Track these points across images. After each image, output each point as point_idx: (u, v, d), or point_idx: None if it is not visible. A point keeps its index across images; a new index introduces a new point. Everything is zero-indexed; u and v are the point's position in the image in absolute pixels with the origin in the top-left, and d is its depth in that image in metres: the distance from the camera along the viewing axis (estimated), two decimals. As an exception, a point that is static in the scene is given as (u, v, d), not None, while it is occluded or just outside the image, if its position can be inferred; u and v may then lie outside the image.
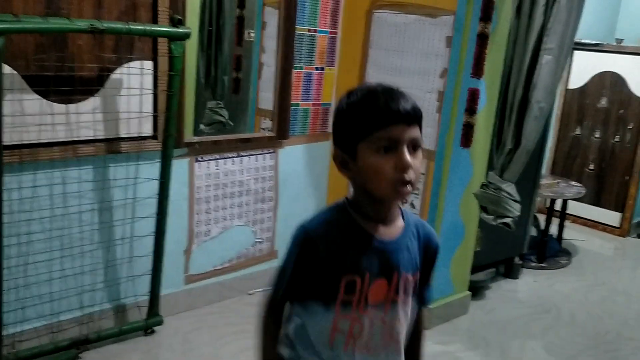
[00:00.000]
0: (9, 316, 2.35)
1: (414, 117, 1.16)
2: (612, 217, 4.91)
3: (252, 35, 3.29)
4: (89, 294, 2.60)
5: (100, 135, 2.49)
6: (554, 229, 4.30)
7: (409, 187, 1.15)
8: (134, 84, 2.51)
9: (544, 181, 4.11)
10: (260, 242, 3.32)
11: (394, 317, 1.27)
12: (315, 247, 1.20)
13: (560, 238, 4.35)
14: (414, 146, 1.16)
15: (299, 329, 1.28)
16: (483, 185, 2.80)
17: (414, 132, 1.16)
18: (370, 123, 1.14)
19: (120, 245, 2.64)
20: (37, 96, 2.29)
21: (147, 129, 2.61)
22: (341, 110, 1.21)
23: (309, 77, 3.25)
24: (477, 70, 2.65)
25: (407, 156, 1.14)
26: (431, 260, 1.35)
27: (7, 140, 2.17)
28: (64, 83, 2.31)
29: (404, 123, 1.14)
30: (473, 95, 2.66)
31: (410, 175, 1.14)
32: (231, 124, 3.18)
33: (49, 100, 2.32)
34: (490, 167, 2.93)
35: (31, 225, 2.38)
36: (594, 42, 4.88)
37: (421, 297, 1.35)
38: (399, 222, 1.27)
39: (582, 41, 4.80)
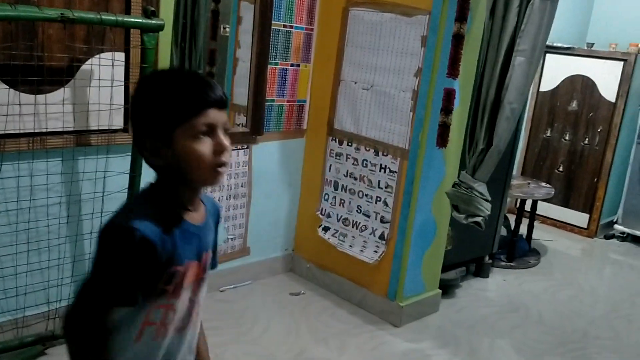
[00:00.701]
0: (-28, 311, 2.29)
1: (226, 102, 1.19)
2: (580, 218, 5.01)
3: (228, 30, 3.26)
4: (56, 288, 2.55)
5: (70, 127, 2.44)
6: (523, 229, 4.36)
7: (225, 169, 1.17)
8: (105, 75, 2.46)
9: (514, 182, 4.17)
10: (232, 238, 3.29)
11: (200, 294, 1.29)
12: (152, 247, 1.11)
13: (530, 238, 4.42)
14: (225, 129, 1.18)
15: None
16: (455, 185, 2.83)
17: (225, 116, 1.18)
18: (188, 109, 1.13)
19: (89, 239, 2.59)
20: (4, 86, 2.23)
21: (117, 122, 2.57)
22: (150, 97, 1.16)
23: (284, 74, 3.24)
24: (453, 70, 2.67)
25: (225, 139, 1.16)
26: (217, 230, 1.38)
27: (-28, 130, 2.11)
28: (33, 73, 2.26)
29: (218, 108, 1.16)
30: (449, 95, 2.68)
31: (227, 157, 1.16)
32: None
33: (17, 90, 2.26)
34: (462, 166, 2.95)
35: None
36: (565, 45, 4.97)
37: (212, 262, 1.37)
38: (201, 204, 1.28)
39: (554, 44, 4.88)
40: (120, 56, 2.50)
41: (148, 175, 2.77)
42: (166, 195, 1.19)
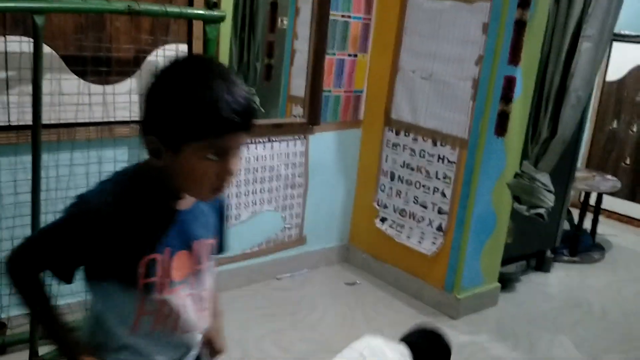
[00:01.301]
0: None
1: (252, 122, 1.04)
2: (647, 213, 4.80)
3: (285, 22, 3.29)
4: (122, 272, 2.64)
5: (136, 117, 2.52)
6: (587, 224, 4.21)
7: (223, 191, 1.08)
8: (169, 66, 2.53)
9: (578, 174, 4.03)
10: (289, 227, 3.33)
11: (201, 287, 1.19)
12: (99, 225, 1.05)
13: (594, 233, 4.27)
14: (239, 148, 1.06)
15: (98, 315, 1.15)
16: (517, 175, 2.76)
17: (246, 136, 1.05)
18: (208, 129, 0.99)
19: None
20: (74, 76, 2.33)
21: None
22: (170, 96, 1.01)
23: (341, 64, 3.24)
24: (514, 57, 2.61)
25: (234, 164, 1.05)
26: (222, 216, 1.29)
27: (46, 119, 2.21)
28: (101, 64, 2.35)
29: (242, 131, 1.03)
30: (509, 83, 2.62)
31: (230, 181, 1.06)
32: (262, 111, 3.19)
33: (86, 80, 2.36)
34: (524, 156, 2.88)
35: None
36: (634, 33, 4.74)
37: (219, 248, 1.29)
38: None
39: (622, 32, 4.67)
40: (183, 47, 2.56)
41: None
42: (151, 183, 1.09)
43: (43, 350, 2.33)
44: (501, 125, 2.65)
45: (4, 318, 2.39)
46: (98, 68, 2.35)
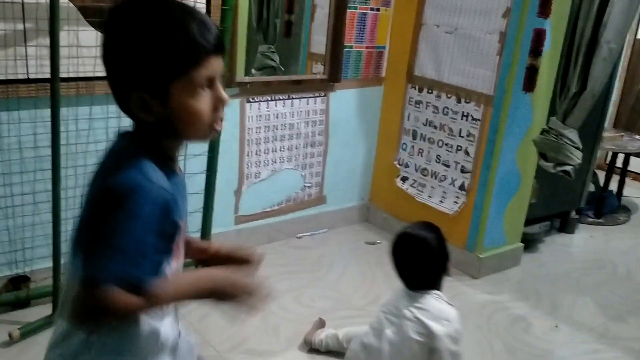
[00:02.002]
0: (67, 246, 2.42)
1: (224, 44, 1.02)
2: (676, 176, 4.68)
3: (305, -23, 3.20)
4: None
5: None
6: (613, 185, 4.12)
7: (222, 124, 1.04)
8: (187, 18, 2.48)
9: (606, 134, 3.92)
10: (309, 186, 3.31)
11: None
12: (170, 204, 1.00)
13: (620, 194, 4.18)
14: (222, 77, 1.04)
15: None
16: (543, 132, 2.69)
17: (223, 63, 1.02)
18: (187, 59, 0.96)
19: (173, 181, 2.67)
20: (92, 28, 2.29)
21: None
22: (137, 39, 0.95)
23: (363, 18, 3.15)
24: (544, 9, 2.50)
25: (224, 93, 1.03)
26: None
27: (64, 72, 2.19)
28: (119, 16, 2.30)
29: (219, 54, 1.00)
30: (539, 36, 2.52)
31: (224, 111, 1.03)
32: (282, 69, 3.13)
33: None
34: (551, 112, 2.80)
35: (87, 158, 2.42)
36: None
37: None
38: None
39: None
40: (201, 3, 2.50)
41: (229, 120, 2.79)
42: (154, 148, 1.03)
43: (67, 303, 2.36)
44: (530, 80, 2.56)
45: (27, 271, 2.42)
46: (115, 20, 2.30)
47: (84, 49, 2.28)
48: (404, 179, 3.34)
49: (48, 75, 2.09)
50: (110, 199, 0.94)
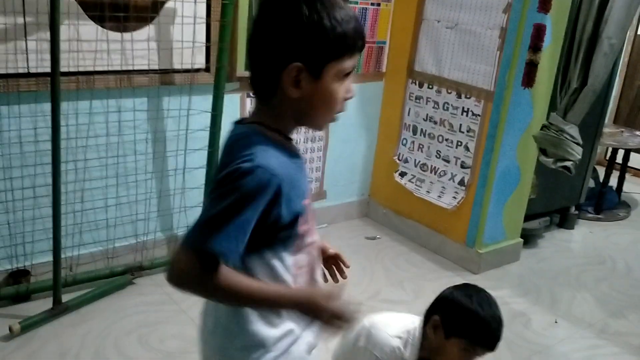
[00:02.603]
0: (67, 240, 2.43)
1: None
2: (676, 172, 4.68)
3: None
4: (143, 222, 2.66)
5: (155, 65, 2.49)
6: (613, 181, 4.12)
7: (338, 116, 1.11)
8: (188, 12, 2.47)
9: (606, 129, 3.92)
10: (309, 181, 3.30)
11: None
12: (280, 188, 1.00)
13: (620, 190, 4.18)
14: None
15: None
16: (544, 127, 2.69)
17: None
18: (348, 45, 1.01)
19: (173, 176, 2.68)
20: (92, 22, 2.29)
21: (199, 61, 2.60)
22: (310, 16, 0.98)
23: (364, 13, 3.15)
24: (545, 4, 2.50)
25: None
26: None
27: (65, 66, 2.19)
28: (119, 10, 2.30)
29: (361, 51, 1.07)
30: (539, 32, 2.52)
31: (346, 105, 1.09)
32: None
33: (104, 27, 2.32)
34: (552, 108, 2.79)
35: (87, 153, 2.42)
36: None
37: None
38: None
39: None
40: (202, -6, 2.50)
41: (229, 114, 2.80)
42: (280, 128, 1.07)
43: (66, 297, 2.37)
44: (529, 75, 2.56)
45: (28, 265, 2.42)
46: (116, 14, 2.30)
47: (84, 43, 2.28)
48: (403, 174, 3.34)
49: (48, 70, 2.09)
50: (225, 180, 0.97)
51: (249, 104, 2.90)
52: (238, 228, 0.97)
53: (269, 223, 1.01)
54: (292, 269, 1.10)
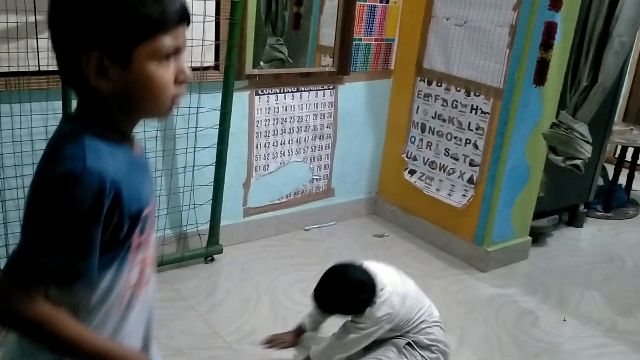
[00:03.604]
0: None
1: (189, 17, 0.94)
2: (686, 170, 4.64)
3: (315, -31, 3.19)
4: (152, 220, 2.67)
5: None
6: (622, 180, 4.11)
7: (181, 99, 0.96)
8: (197, 10, 2.48)
9: (615, 127, 3.90)
10: (317, 179, 3.31)
11: (153, 236, 1.05)
12: (119, 192, 0.89)
13: (629, 188, 4.16)
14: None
15: (77, 312, 0.94)
16: (553, 125, 2.68)
17: (186, 32, 0.94)
18: (156, 23, 0.87)
19: (182, 173, 2.69)
20: (103, 21, 2.29)
21: (209, 59, 2.60)
22: None
23: (372, 11, 3.14)
24: (555, 2, 2.48)
25: (186, 66, 0.95)
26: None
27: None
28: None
29: (185, 25, 0.92)
30: (550, 29, 2.50)
31: (185, 88, 0.96)
32: (290, 61, 3.13)
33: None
34: (561, 106, 2.78)
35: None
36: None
37: None
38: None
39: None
40: (210, -8, 2.50)
41: (238, 112, 2.81)
42: (104, 124, 0.93)
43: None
44: (540, 73, 2.55)
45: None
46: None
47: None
48: (412, 172, 3.34)
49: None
50: (51, 190, 0.86)
51: (258, 102, 2.90)
52: (76, 243, 0.86)
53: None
54: (117, 288, 0.96)
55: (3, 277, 0.88)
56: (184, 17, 0.91)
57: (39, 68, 2.22)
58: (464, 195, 3.06)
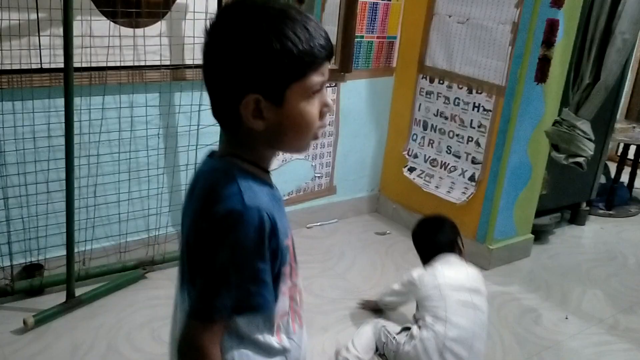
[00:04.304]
0: (80, 235, 2.45)
1: (333, 52, 1.01)
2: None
3: (317, -35, 3.18)
4: (155, 217, 2.68)
5: (166, 61, 2.50)
6: (624, 178, 4.10)
7: (320, 135, 0.99)
8: (200, 8, 2.48)
9: (618, 125, 3.89)
10: (319, 176, 3.31)
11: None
12: (274, 222, 0.94)
13: (631, 186, 4.16)
14: None
15: (239, 348, 1.00)
16: (556, 123, 2.67)
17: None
18: (307, 62, 0.90)
19: (185, 171, 2.69)
20: (104, 18, 2.30)
21: (211, 56, 2.60)
22: (253, 41, 0.88)
23: (374, 8, 3.14)
24: (558, -1, 2.48)
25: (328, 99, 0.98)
26: None
27: (77, 62, 2.20)
28: (131, 5, 2.31)
29: (329, 60, 0.95)
30: (552, 27, 2.50)
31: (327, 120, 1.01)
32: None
33: (116, 23, 2.33)
34: (563, 104, 2.78)
35: (100, 148, 2.44)
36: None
37: None
38: None
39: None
40: (213, -11, 2.50)
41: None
42: (253, 161, 0.99)
43: (79, 291, 2.39)
44: (542, 71, 2.54)
45: (41, 259, 2.45)
46: (128, 10, 2.31)
47: (96, 39, 2.29)
48: (412, 170, 3.34)
49: (61, 65, 2.10)
50: (216, 231, 0.91)
51: (260, 100, 2.90)
52: (250, 279, 0.93)
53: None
54: (275, 317, 1.02)
55: (190, 320, 0.96)
56: (330, 54, 0.95)
57: (41, 65, 2.23)
58: (463, 192, 3.05)
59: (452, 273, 2.19)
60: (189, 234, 0.99)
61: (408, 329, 2.18)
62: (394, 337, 2.18)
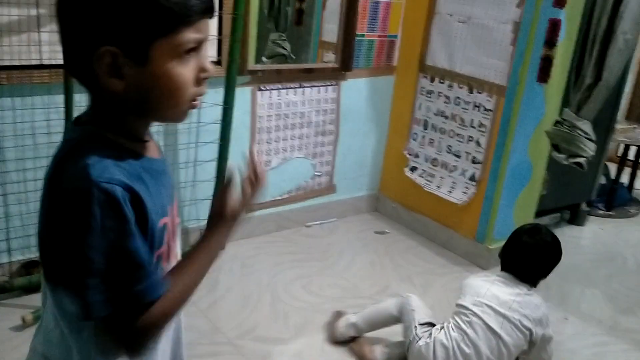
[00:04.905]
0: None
1: (214, 7, 0.86)
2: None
3: (318, -36, 3.18)
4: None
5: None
6: (625, 178, 4.10)
7: (199, 102, 0.86)
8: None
9: (618, 126, 3.89)
10: (319, 175, 3.31)
11: (177, 246, 0.99)
12: (142, 204, 0.82)
13: (631, 187, 4.15)
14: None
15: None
16: (557, 123, 2.67)
17: (209, 25, 0.86)
18: (179, 15, 0.78)
19: (184, 168, 2.68)
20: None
21: (211, 54, 2.59)
22: None
23: (375, 7, 3.13)
24: (560, -1, 2.48)
25: (209, 62, 0.86)
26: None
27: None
28: None
29: (210, 16, 0.83)
30: (554, 26, 2.49)
31: (206, 87, 0.87)
32: (293, 57, 3.13)
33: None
34: (564, 104, 2.77)
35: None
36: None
37: None
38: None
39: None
40: (213, -14, 2.49)
41: (240, 107, 2.81)
42: (117, 129, 0.85)
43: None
44: (544, 70, 2.54)
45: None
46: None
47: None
48: (413, 169, 3.33)
49: (61, 62, 2.08)
50: (61, 213, 0.78)
51: (260, 98, 2.90)
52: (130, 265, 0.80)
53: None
54: None
55: (104, 325, 0.83)
56: (210, 9, 0.83)
57: (41, 62, 2.22)
58: (464, 192, 3.05)
59: (501, 294, 2.05)
60: (41, 214, 0.84)
61: (432, 324, 2.12)
62: (415, 327, 2.10)
